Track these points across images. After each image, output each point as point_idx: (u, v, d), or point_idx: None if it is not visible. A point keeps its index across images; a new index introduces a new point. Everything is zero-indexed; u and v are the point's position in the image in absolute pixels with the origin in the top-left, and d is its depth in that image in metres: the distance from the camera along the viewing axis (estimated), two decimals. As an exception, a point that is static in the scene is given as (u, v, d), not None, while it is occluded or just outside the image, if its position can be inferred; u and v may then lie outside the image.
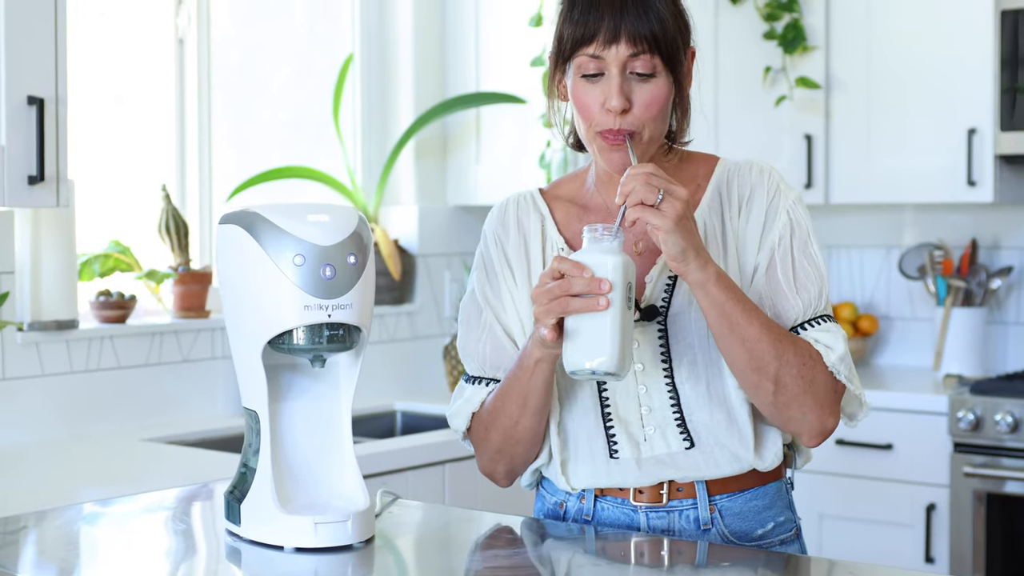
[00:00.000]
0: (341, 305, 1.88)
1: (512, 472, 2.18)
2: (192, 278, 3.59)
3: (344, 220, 1.92)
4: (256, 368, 1.92)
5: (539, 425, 2.09)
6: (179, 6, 3.77)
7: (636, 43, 1.98)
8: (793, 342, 2.01)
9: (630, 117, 2.00)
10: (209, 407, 3.66)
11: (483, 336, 2.16)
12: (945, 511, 3.84)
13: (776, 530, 2.14)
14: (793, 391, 2.00)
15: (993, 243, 4.37)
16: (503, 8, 4.17)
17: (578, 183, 2.20)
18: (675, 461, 2.08)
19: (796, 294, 2.06)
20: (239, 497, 1.98)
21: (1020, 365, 4.32)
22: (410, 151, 4.22)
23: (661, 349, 2.07)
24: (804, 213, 2.10)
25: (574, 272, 1.87)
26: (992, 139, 3.98)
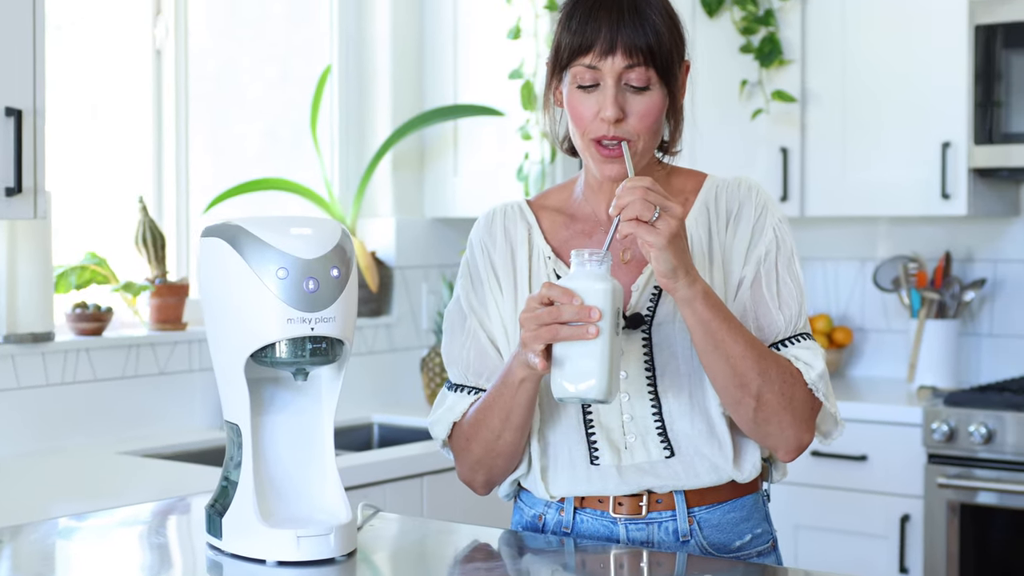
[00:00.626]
0: (324, 318, 1.89)
1: (491, 482, 2.19)
2: (169, 290, 3.58)
3: (327, 233, 1.93)
4: (238, 381, 1.92)
5: (521, 440, 2.10)
6: (157, 17, 3.76)
7: (632, 55, 2.00)
8: (775, 360, 2.03)
9: (625, 126, 2.02)
10: (186, 420, 3.65)
11: (467, 343, 2.17)
12: (919, 522, 3.85)
13: (753, 542, 2.15)
14: (773, 407, 2.02)
15: (966, 256, 4.40)
16: (481, 21, 4.18)
17: (565, 193, 2.22)
18: (655, 470, 2.09)
19: (779, 310, 2.08)
20: (220, 511, 1.98)
21: (993, 377, 4.35)
22: (387, 163, 4.22)
23: (645, 358, 2.08)
24: (789, 232, 2.13)
25: (564, 299, 1.87)
26: (966, 153, 4.00)
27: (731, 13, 4.26)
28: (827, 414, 2.10)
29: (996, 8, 3.93)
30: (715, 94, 4.28)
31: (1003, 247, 4.36)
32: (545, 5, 4.00)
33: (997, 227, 4.36)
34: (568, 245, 2.15)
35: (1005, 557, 3.77)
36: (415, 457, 3.38)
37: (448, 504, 3.41)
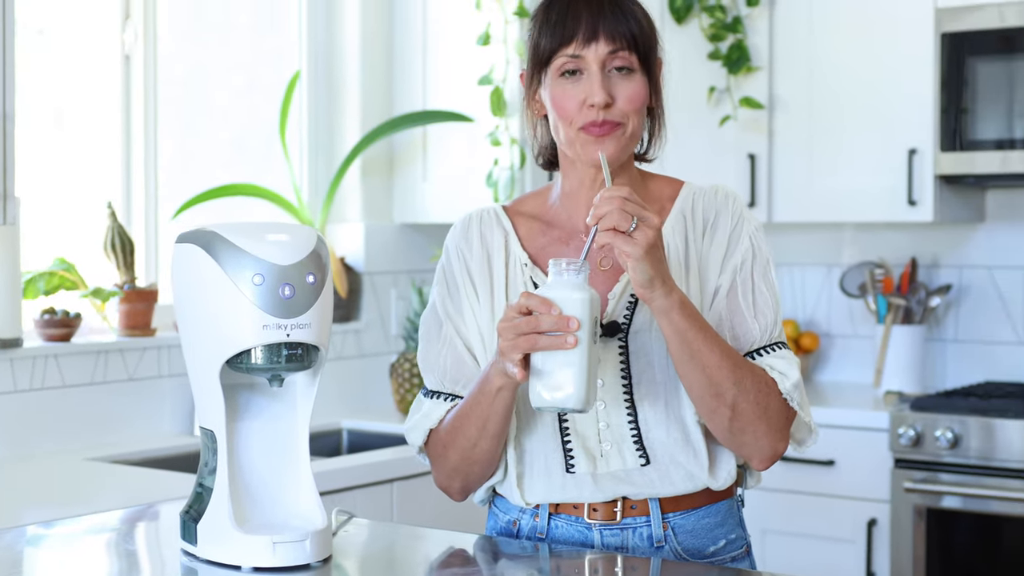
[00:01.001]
0: (300, 324, 1.89)
1: (467, 488, 2.19)
2: (138, 296, 3.57)
3: (303, 240, 1.93)
4: (213, 387, 1.92)
5: (498, 447, 2.11)
6: (125, 22, 3.75)
7: (615, 40, 2.03)
8: (751, 369, 2.04)
9: (614, 110, 2.04)
10: (155, 426, 3.64)
11: (443, 350, 2.17)
12: (886, 526, 3.88)
13: (727, 547, 2.16)
14: (749, 417, 2.03)
15: (932, 262, 4.43)
16: (450, 27, 4.18)
17: (541, 199, 2.22)
18: (631, 477, 2.10)
19: (754, 318, 2.09)
20: (195, 517, 1.98)
21: (958, 382, 4.38)
22: (356, 168, 4.22)
23: (621, 366, 2.09)
24: (764, 241, 2.14)
25: (542, 309, 1.88)
26: (932, 159, 4.03)
27: (699, 20, 4.28)
28: (801, 423, 2.12)
29: (962, 16, 3.97)
30: (683, 100, 4.29)
31: (968, 253, 4.39)
32: (515, 11, 4.01)
33: (962, 233, 4.39)
34: (545, 252, 2.15)
35: (971, 561, 3.80)
36: (385, 463, 3.38)
37: (418, 509, 3.41)
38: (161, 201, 3.83)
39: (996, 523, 3.73)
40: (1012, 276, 4.33)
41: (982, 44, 3.94)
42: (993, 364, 4.36)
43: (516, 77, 4.05)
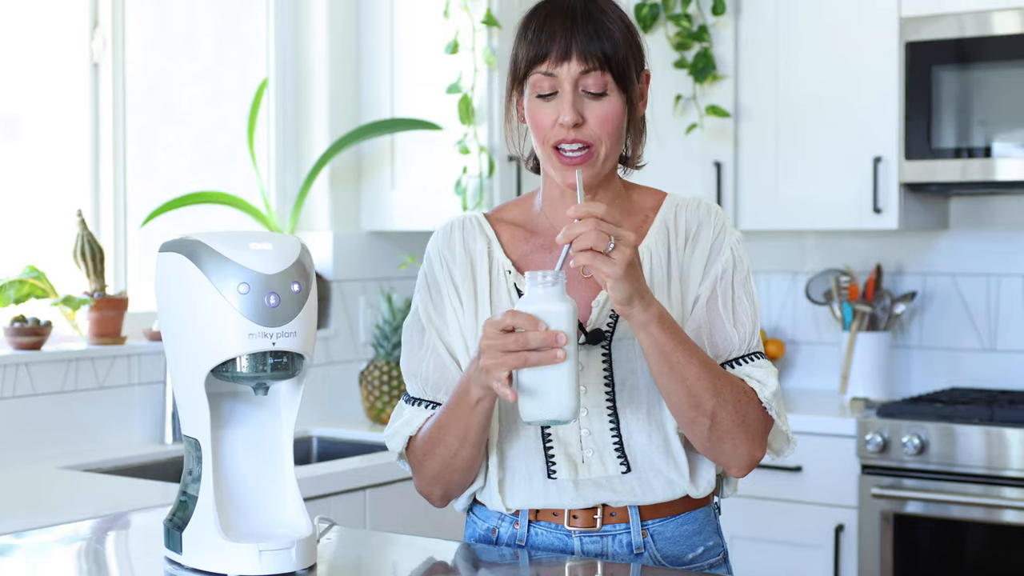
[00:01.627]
0: (285, 333, 1.90)
1: (448, 495, 2.20)
2: (108, 304, 3.56)
3: (287, 248, 1.93)
4: (198, 396, 1.92)
5: (478, 455, 2.11)
6: (94, 30, 3.74)
7: (587, 60, 2.03)
8: (729, 380, 2.06)
9: (586, 130, 2.05)
10: (126, 434, 3.63)
11: (426, 356, 2.17)
12: (853, 532, 3.91)
13: (705, 554, 2.18)
14: (728, 426, 2.05)
15: (896, 269, 4.47)
16: (418, 35, 4.19)
17: (524, 207, 2.24)
18: (611, 484, 2.11)
19: (734, 327, 2.11)
20: (179, 525, 1.98)
21: (923, 388, 4.42)
22: (324, 176, 4.22)
23: (604, 373, 2.10)
24: (745, 252, 2.16)
25: (529, 326, 1.88)
26: (897, 167, 4.07)
27: (665, 29, 4.30)
28: (779, 432, 2.14)
29: (926, 25, 4.01)
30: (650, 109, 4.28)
31: (932, 260, 4.43)
32: (483, 20, 4.02)
33: (926, 241, 4.43)
34: (528, 259, 2.17)
35: (937, 566, 3.83)
36: (356, 470, 3.38)
37: (391, 517, 3.41)
38: (130, 209, 3.82)
39: (962, 528, 3.77)
40: (975, 283, 4.37)
41: (946, 53, 3.98)
42: (957, 370, 4.40)
43: (485, 85, 4.06)
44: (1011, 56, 3.92)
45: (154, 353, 3.68)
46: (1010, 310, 4.33)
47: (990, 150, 3.95)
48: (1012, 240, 4.32)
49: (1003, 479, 3.71)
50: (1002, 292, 4.34)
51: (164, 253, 1.96)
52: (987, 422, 3.76)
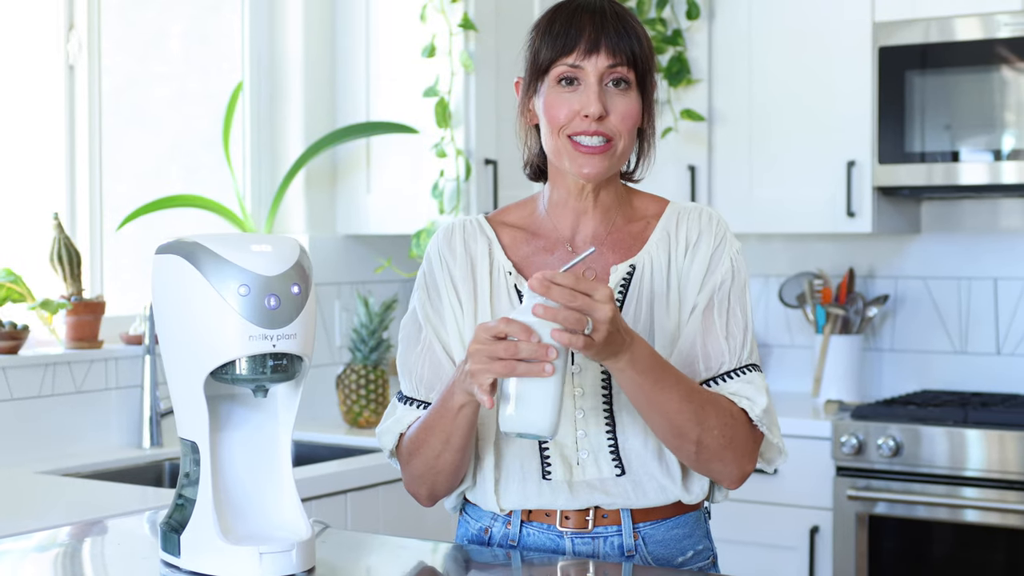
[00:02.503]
0: (286, 335, 1.89)
1: (434, 495, 2.20)
2: (85, 308, 3.54)
3: (287, 250, 1.93)
4: (197, 398, 1.91)
5: (463, 459, 2.12)
6: (69, 32, 3.72)
7: (615, 55, 2.06)
8: (715, 405, 2.06)
9: (608, 124, 2.07)
10: (103, 439, 3.61)
11: (422, 355, 2.18)
12: (828, 533, 3.93)
13: (695, 558, 2.20)
14: (714, 450, 2.06)
15: (868, 272, 4.50)
16: (394, 38, 4.18)
17: (527, 210, 2.24)
18: (605, 487, 2.12)
19: (726, 340, 2.11)
20: (176, 528, 1.97)
21: (894, 391, 4.45)
22: (300, 180, 4.21)
23: (602, 377, 2.11)
24: (744, 264, 2.17)
25: (522, 335, 1.87)
26: (870, 171, 4.10)
27: (640, 33, 4.31)
28: (771, 444, 2.15)
29: (899, 31, 4.04)
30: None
31: (904, 264, 4.47)
32: (460, 23, 4.02)
33: (898, 244, 4.46)
34: (528, 261, 2.17)
35: (912, 567, 3.86)
36: (337, 474, 3.38)
37: (374, 520, 3.41)
38: (105, 212, 3.80)
39: (936, 529, 3.80)
40: (946, 286, 4.41)
41: (918, 58, 4.02)
42: (928, 373, 4.44)
43: (462, 88, 4.06)
44: (979, 61, 3.95)
45: (131, 357, 3.66)
46: (980, 313, 4.36)
47: (959, 155, 3.98)
48: (982, 244, 4.36)
49: (976, 480, 3.74)
50: (973, 295, 4.37)
51: (161, 255, 1.95)
52: (961, 424, 3.79)
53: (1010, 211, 4.34)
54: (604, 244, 2.17)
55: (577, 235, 2.18)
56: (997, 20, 3.93)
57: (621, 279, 2.13)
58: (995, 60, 3.94)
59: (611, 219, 2.19)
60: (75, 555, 2.22)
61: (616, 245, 2.17)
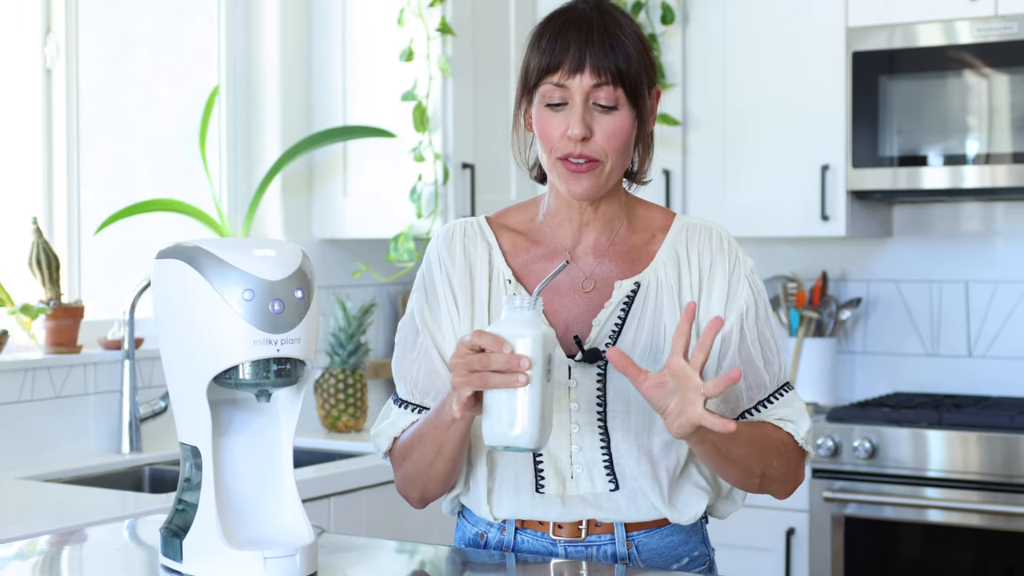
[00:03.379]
0: (290, 340, 1.89)
1: (425, 499, 2.20)
2: (65, 313, 3.52)
3: (289, 255, 1.93)
4: (199, 403, 1.91)
5: (454, 468, 2.12)
6: (47, 36, 3.70)
7: (600, 74, 2.02)
8: (771, 442, 2.10)
9: (592, 145, 2.04)
10: (82, 444, 3.59)
11: (418, 360, 2.17)
12: (805, 535, 3.96)
13: (691, 564, 2.19)
14: (774, 476, 2.12)
15: (841, 276, 4.53)
16: (371, 42, 4.18)
17: (528, 214, 2.22)
18: (598, 501, 2.12)
19: (765, 368, 2.13)
20: (178, 532, 1.97)
21: (867, 393, 4.48)
22: (277, 184, 4.20)
23: (598, 392, 2.10)
24: (760, 281, 2.17)
25: (494, 347, 1.87)
26: (844, 175, 4.13)
27: (615, 38, 4.33)
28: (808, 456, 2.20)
29: (872, 36, 4.07)
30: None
31: (876, 267, 4.50)
32: (437, 28, 4.03)
33: (870, 248, 4.50)
34: (528, 268, 2.16)
35: (889, 569, 3.89)
36: (319, 479, 3.37)
37: (356, 524, 3.41)
38: (84, 216, 3.78)
39: (912, 531, 3.83)
40: (918, 289, 4.44)
41: (892, 63, 4.05)
42: (900, 375, 4.47)
43: (439, 92, 4.06)
44: (943, 67, 3.99)
45: (110, 362, 3.65)
46: (952, 316, 4.40)
47: (927, 159, 4.02)
48: (953, 247, 4.40)
49: (954, 481, 3.77)
50: (944, 298, 4.41)
51: (163, 260, 1.95)
52: (936, 426, 3.83)
53: (978, 215, 4.38)
54: (607, 255, 2.16)
55: (578, 245, 2.17)
56: (961, 26, 3.97)
57: (625, 296, 2.12)
58: (957, 66, 3.98)
59: (614, 229, 2.17)
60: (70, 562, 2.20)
61: (620, 257, 2.16)
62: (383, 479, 3.49)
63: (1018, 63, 3.92)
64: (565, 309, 2.13)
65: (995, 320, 4.35)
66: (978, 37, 3.95)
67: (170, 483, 3.50)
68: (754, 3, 4.27)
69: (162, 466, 3.59)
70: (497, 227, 2.21)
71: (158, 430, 3.72)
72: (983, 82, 3.96)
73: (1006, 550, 3.76)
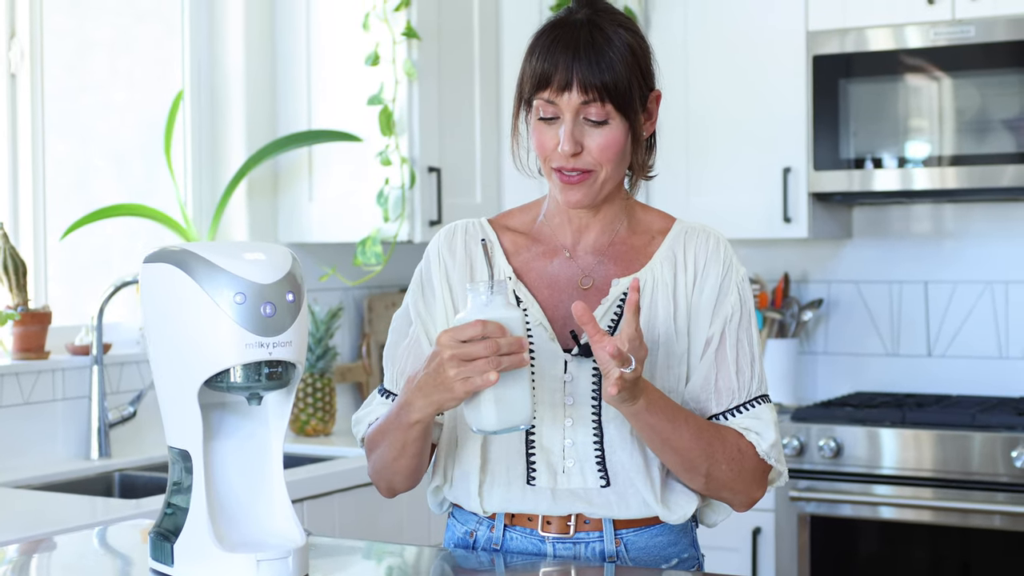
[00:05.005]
0: (281, 343, 1.90)
1: (392, 490, 2.23)
2: (32, 318, 3.50)
3: (280, 258, 1.94)
4: (190, 407, 1.91)
5: (418, 464, 2.16)
6: (11, 40, 3.68)
7: (587, 91, 2.04)
8: (722, 442, 2.10)
9: (585, 158, 2.08)
10: (50, 450, 3.57)
11: (409, 348, 2.20)
12: (771, 534, 3.99)
13: (680, 566, 2.21)
14: (723, 480, 2.11)
15: (802, 277, 4.57)
16: (336, 46, 4.18)
17: (529, 216, 2.26)
18: (589, 496, 2.14)
19: (737, 375, 2.14)
20: (168, 536, 1.97)
21: (829, 393, 4.53)
22: (242, 189, 4.19)
23: (593, 387, 2.12)
24: (749, 290, 2.19)
25: (499, 333, 1.91)
26: (806, 178, 4.17)
27: (578, 42, 4.34)
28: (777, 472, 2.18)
29: (832, 39, 4.11)
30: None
31: (836, 268, 4.54)
32: (403, 32, 4.03)
33: (830, 249, 4.54)
34: (529, 266, 2.19)
35: (855, 567, 3.93)
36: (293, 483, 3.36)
37: (330, 527, 3.41)
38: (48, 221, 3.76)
39: (878, 529, 3.87)
40: (877, 290, 4.49)
41: (851, 66, 4.09)
42: (861, 375, 4.52)
43: (405, 96, 4.07)
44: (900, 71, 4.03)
45: (78, 368, 3.63)
46: (912, 316, 4.45)
47: (881, 161, 4.07)
48: (913, 248, 4.45)
49: (917, 479, 3.82)
50: (904, 299, 4.46)
51: (151, 264, 1.95)
52: (899, 424, 3.87)
53: (929, 216, 4.43)
54: (605, 255, 2.19)
55: (579, 245, 2.20)
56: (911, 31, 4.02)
57: (622, 293, 2.15)
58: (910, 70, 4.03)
59: (614, 230, 2.20)
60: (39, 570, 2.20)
61: (618, 258, 2.19)
62: (354, 483, 3.49)
63: (967, 67, 3.97)
64: (563, 305, 2.15)
65: (954, 320, 4.40)
66: (930, 41, 4.00)
67: (140, 488, 3.49)
68: (715, 7, 4.31)
69: (132, 472, 3.58)
70: (498, 227, 2.25)
71: (127, 435, 3.71)
72: (934, 85, 4.01)
73: (960, 546, 3.80)
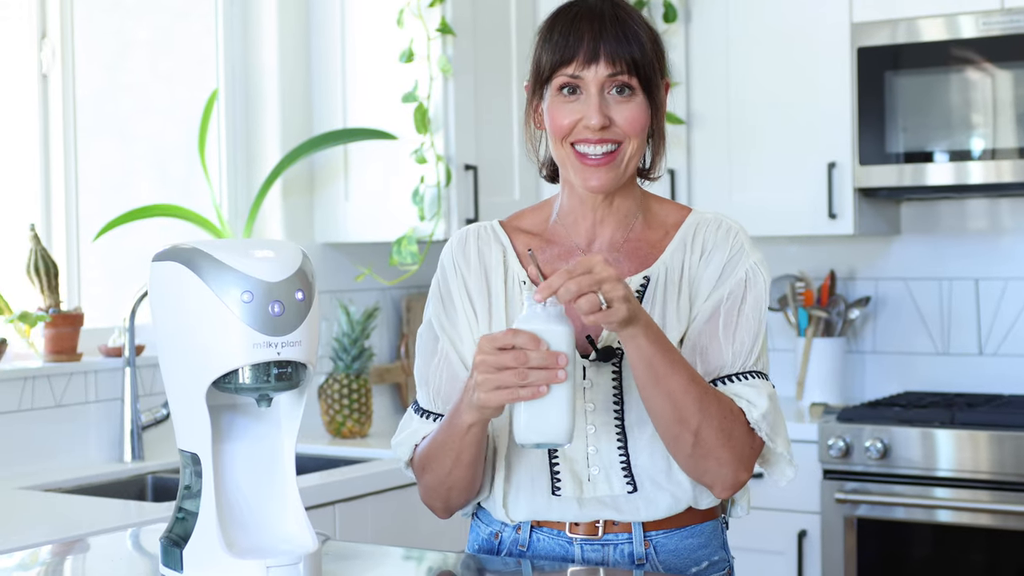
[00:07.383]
0: (290, 342, 1.85)
1: (449, 508, 2.17)
2: (64, 320, 3.48)
3: (289, 256, 1.89)
4: (199, 409, 1.87)
5: (475, 474, 2.09)
6: (42, 41, 3.66)
7: (615, 63, 2.00)
8: (716, 397, 2.01)
9: (613, 130, 2.02)
10: (82, 453, 3.55)
11: (440, 365, 2.15)
12: (816, 537, 3.91)
13: (710, 569, 2.15)
14: (711, 444, 2.00)
15: (849, 274, 4.49)
16: (371, 44, 4.14)
17: (541, 216, 2.20)
18: (616, 503, 2.08)
19: (730, 344, 2.07)
20: (178, 542, 1.92)
21: (877, 393, 4.44)
22: (277, 188, 4.15)
23: (614, 391, 2.07)
24: (764, 276, 2.11)
25: (531, 345, 1.86)
26: (851, 173, 4.08)
27: (618, 36, 4.28)
28: (777, 455, 2.10)
29: (877, 31, 4.03)
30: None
31: (884, 265, 4.45)
32: (437, 28, 3.98)
33: (878, 246, 4.45)
34: (544, 269, 2.12)
35: (902, 570, 3.84)
36: (324, 486, 3.33)
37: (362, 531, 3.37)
38: (82, 222, 3.73)
39: (926, 532, 3.78)
40: (927, 287, 4.40)
41: (897, 58, 4.01)
42: (910, 374, 4.42)
43: (441, 93, 4.02)
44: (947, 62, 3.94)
45: (111, 370, 3.60)
46: (962, 314, 4.35)
47: (932, 155, 3.98)
48: (962, 244, 4.35)
49: (967, 481, 3.72)
50: (954, 296, 4.36)
51: (159, 262, 1.90)
52: (948, 425, 3.78)
53: (984, 211, 4.34)
54: (620, 251, 2.13)
55: (594, 242, 2.14)
56: (965, 20, 3.92)
57: (635, 291, 2.09)
58: (961, 61, 3.93)
59: (629, 225, 2.14)
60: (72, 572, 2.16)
61: (632, 253, 2.13)
62: (389, 485, 3.45)
63: (1019, 56, 3.87)
64: None
65: (1006, 317, 4.30)
66: (982, 31, 3.91)
67: (173, 491, 3.44)
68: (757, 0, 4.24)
69: (165, 474, 3.55)
70: (511, 230, 2.19)
71: (160, 438, 3.68)
72: (987, 77, 3.92)
73: (1019, 550, 3.71)
